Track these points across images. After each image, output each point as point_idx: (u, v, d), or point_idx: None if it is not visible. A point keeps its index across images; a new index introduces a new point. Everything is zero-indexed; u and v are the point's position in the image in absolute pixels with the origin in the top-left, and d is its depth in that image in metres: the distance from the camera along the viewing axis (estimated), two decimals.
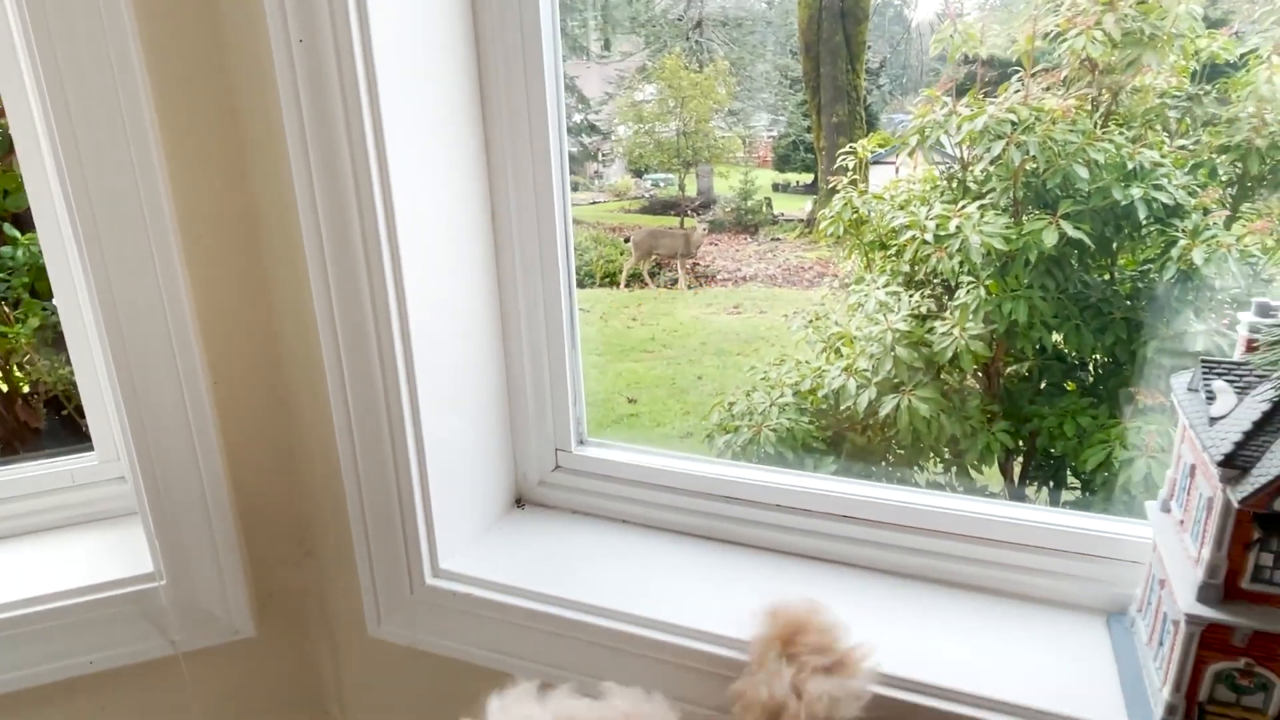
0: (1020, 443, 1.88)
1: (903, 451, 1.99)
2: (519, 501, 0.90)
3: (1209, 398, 0.55)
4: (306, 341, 0.76)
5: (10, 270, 1.48)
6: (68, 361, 1.70)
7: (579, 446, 0.89)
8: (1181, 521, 0.59)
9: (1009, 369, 2.09)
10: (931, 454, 2.00)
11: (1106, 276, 1.94)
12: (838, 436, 2.09)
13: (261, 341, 0.78)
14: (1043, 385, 2.03)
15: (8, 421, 1.83)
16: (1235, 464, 0.50)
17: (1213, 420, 0.54)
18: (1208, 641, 0.54)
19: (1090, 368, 1.98)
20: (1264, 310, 0.56)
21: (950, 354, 1.79)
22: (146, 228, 0.71)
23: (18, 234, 1.49)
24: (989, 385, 2.06)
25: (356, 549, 0.79)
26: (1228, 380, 0.55)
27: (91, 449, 0.90)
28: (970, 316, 1.77)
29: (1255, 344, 0.56)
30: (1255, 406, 0.52)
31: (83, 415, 1.72)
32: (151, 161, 0.70)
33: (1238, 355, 0.58)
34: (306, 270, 0.72)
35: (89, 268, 0.70)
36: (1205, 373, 0.56)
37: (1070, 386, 2.00)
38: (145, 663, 0.81)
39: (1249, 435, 0.51)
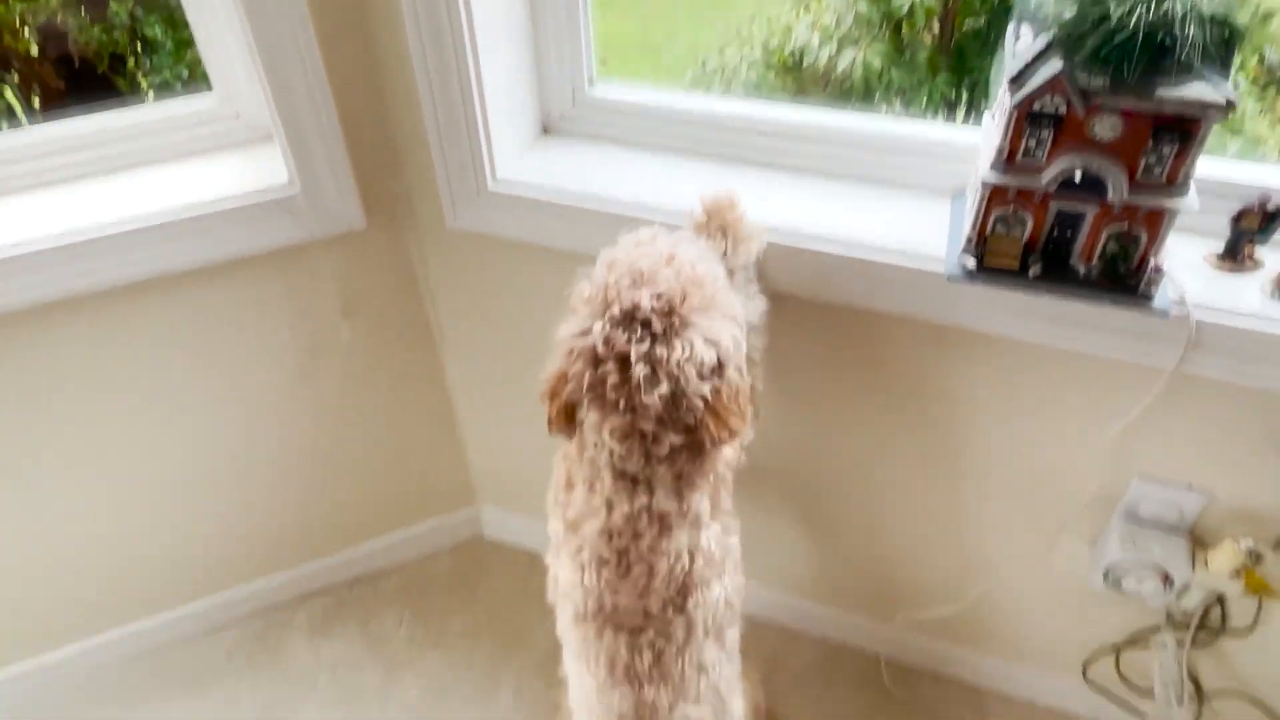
0: (961, 94, 2.19)
1: (855, 104, 2.29)
2: (545, 130, 1.23)
3: (1018, 38, 0.87)
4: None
5: None
6: (93, 23, 1.88)
7: (590, 86, 1.20)
8: (997, 124, 0.94)
9: (964, 23, 2.33)
10: (882, 106, 2.31)
11: None
12: (800, 92, 2.38)
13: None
14: (991, 38, 2.29)
15: (31, 79, 2.04)
16: (1017, 80, 0.84)
17: (1015, 54, 0.87)
18: (993, 197, 0.92)
19: None
20: None
21: (907, 7, 2.02)
22: None
23: None
24: (943, 39, 2.31)
25: (435, 162, 1.13)
26: (1032, 25, 0.87)
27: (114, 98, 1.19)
28: None
29: None
30: (1041, 42, 0.85)
31: (116, 73, 1.94)
32: None
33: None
34: None
35: None
36: (1018, 21, 0.88)
37: None
38: (290, 248, 1.19)
39: (1029, 63, 0.84)
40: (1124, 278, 0.92)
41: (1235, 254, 0.96)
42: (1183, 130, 0.82)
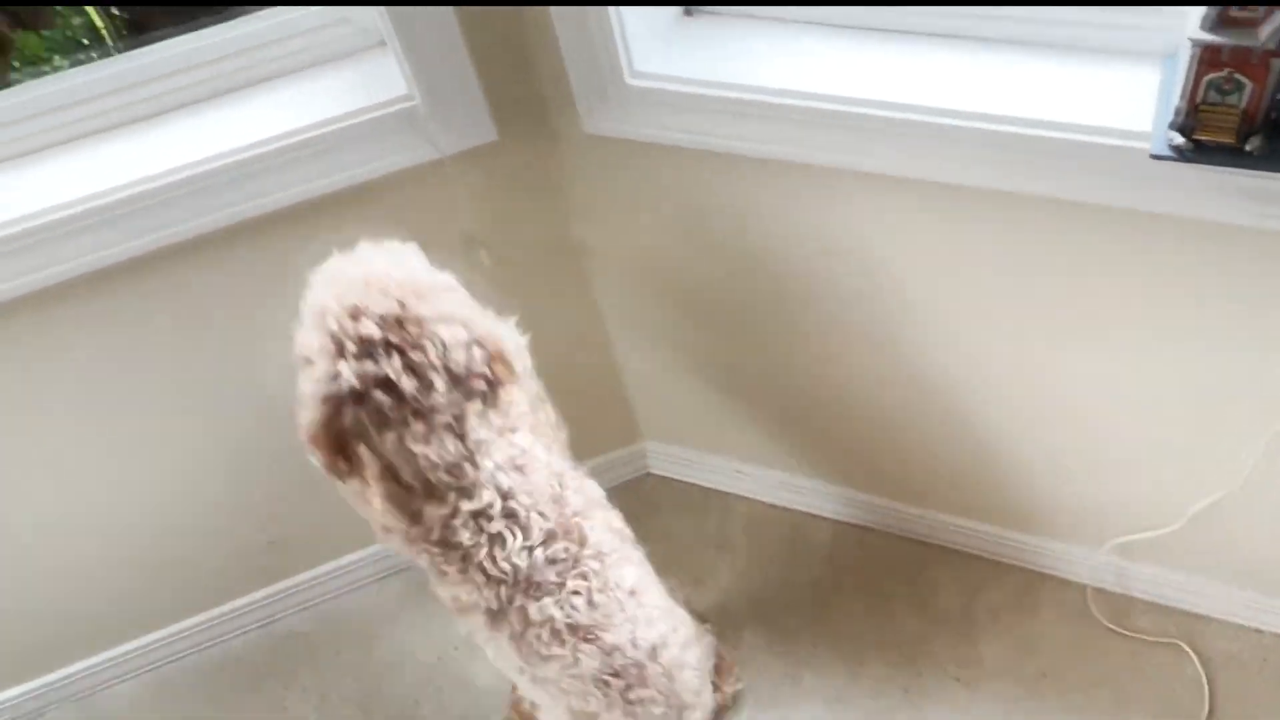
0: None
1: None
2: (688, 11, 1.28)
3: None
4: None
5: None
6: None
7: None
8: None
9: None
10: None
11: None
12: None
13: None
14: None
15: None
16: None
17: None
18: (1205, 59, 0.95)
19: None
20: None
21: None
22: None
23: None
24: None
25: (566, 60, 1.22)
26: None
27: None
28: None
29: None
30: None
31: None
32: None
33: None
34: None
35: None
36: None
37: None
38: (420, 166, 1.31)
39: None
40: None
41: None
42: None
